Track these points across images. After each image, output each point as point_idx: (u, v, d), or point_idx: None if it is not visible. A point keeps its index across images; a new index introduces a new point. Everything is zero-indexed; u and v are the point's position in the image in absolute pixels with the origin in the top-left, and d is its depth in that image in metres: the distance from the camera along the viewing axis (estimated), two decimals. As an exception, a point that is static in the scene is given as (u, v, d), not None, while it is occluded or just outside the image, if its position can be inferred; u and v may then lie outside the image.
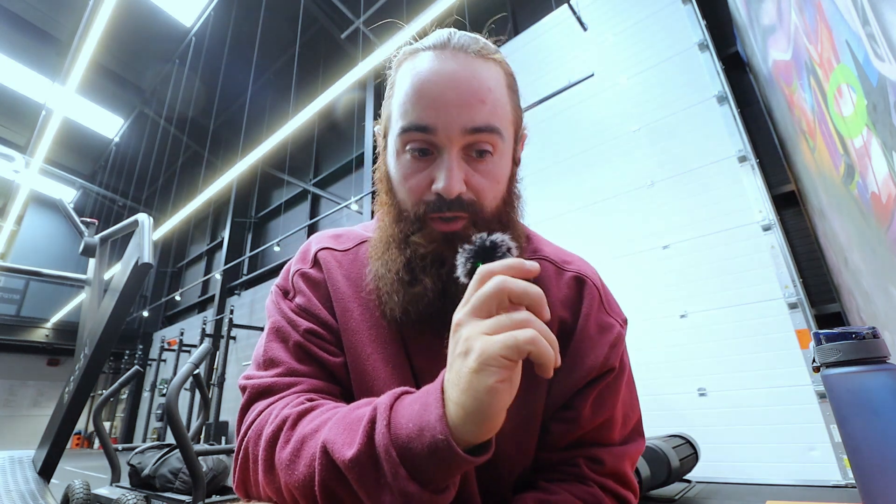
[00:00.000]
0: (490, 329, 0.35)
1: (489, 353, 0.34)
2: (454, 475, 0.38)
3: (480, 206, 0.51)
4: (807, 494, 3.19)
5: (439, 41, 0.52)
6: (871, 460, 0.97)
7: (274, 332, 0.56)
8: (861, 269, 2.31)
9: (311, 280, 0.59)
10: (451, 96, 0.48)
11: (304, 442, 0.42)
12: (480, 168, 0.50)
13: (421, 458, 0.36)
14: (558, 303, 0.57)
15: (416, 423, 0.37)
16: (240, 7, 9.59)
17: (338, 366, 0.54)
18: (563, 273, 0.60)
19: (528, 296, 0.36)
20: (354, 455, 0.38)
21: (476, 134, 0.49)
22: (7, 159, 11.23)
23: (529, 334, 0.34)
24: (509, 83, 0.54)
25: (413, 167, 0.51)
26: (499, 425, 0.36)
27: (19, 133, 13.93)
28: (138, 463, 2.81)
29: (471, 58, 0.51)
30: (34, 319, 14.95)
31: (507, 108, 0.53)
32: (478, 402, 0.34)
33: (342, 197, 9.53)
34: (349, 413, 0.42)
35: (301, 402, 0.48)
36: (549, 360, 0.34)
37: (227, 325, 10.02)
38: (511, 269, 0.37)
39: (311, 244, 0.63)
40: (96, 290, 2.98)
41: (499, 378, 0.34)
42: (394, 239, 0.53)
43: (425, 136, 0.49)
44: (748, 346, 3.94)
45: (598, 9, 5.69)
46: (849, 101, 1.60)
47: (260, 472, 0.46)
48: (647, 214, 4.79)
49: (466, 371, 0.35)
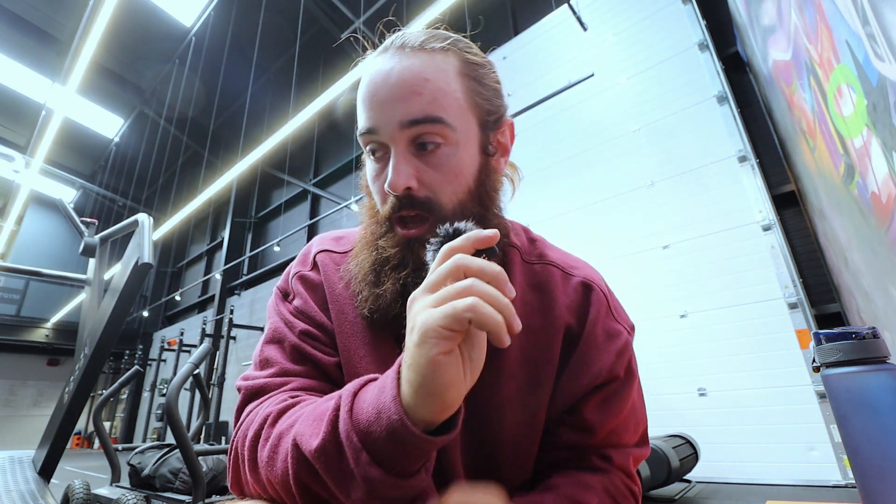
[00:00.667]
0: (434, 301, 0.34)
1: (428, 324, 0.33)
2: (418, 458, 0.37)
3: (438, 203, 0.50)
4: (807, 494, 3.19)
5: (385, 44, 0.54)
6: (871, 460, 0.97)
7: (272, 334, 0.57)
8: (861, 269, 2.31)
9: (309, 282, 0.60)
10: (385, 94, 0.49)
11: (280, 438, 0.43)
12: (431, 162, 0.50)
13: (381, 441, 0.35)
14: (565, 308, 0.57)
15: (375, 406, 0.36)
16: (240, 7, 9.59)
17: (332, 365, 0.54)
18: (571, 278, 0.59)
19: (483, 272, 0.35)
20: (319, 444, 0.38)
21: (415, 126, 0.48)
22: (7, 159, 11.23)
23: (468, 301, 0.32)
24: (464, 70, 0.53)
25: (374, 170, 0.53)
26: (451, 402, 0.35)
27: (19, 133, 13.93)
28: (138, 463, 2.81)
29: (408, 53, 0.51)
30: (34, 319, 14.95)
31: (457, 96, 0.51)
32: (421, 376, 0.34)
33: (342, 197, 9.53)
34: (320, 405, 0.42)
35: (284, 399, 0.48)
36: (494, 325, 0.32)
37: (227, 325, 10.02)
38: (469, 240, 0.37)
39: (313, 246, 0.64)
40: (96, 290, 2.98)
41: (440, 350, 0.33)
42: (366, 241, 0.55)
43: (373, 138, 0.51)
44: (748, 346, 3.94)
45: (597, 9, 5.69)
46: (849, 101, 1.60)
47: (247, 471, 0.46)
48: (647, 214, 4.79)
49: (411, 345, 0.35)
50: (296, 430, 0.41)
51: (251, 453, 0.46)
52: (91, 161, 15.91)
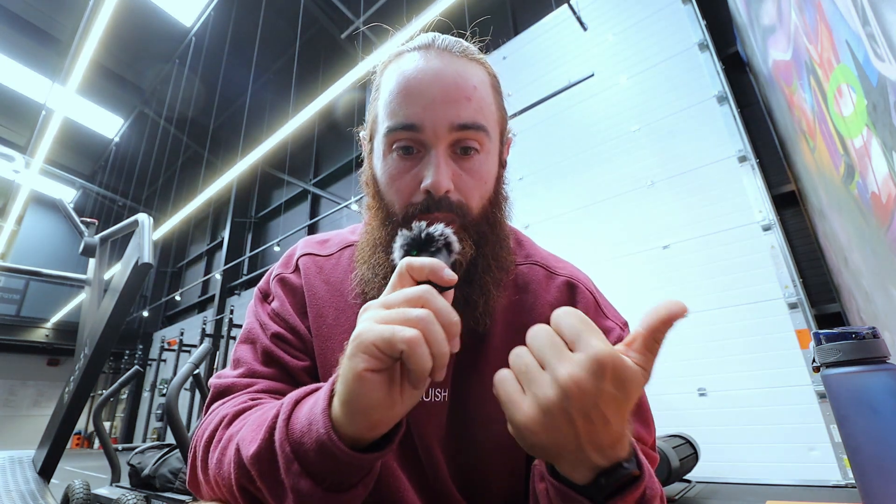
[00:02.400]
0: (380, 318, 0.33)
1: (363, 338, 0.32)
2: (352, 474, 0.36)
3: (468, 208, 0.50)
4: (807, 494, 3.19)
5: (423, 43, 0.52)
6: (871, 460, 0.97)
7: (246, 334, 0.58)
8: (861, 269, 2.31)
9: (289, 285, 0.60)
10: (437, 93, 0.48)
11: (230, 441, 0.42)
12: (466, 167, 0.50)
13: (311, 453, 0.34)
14: (548, 306, 0.56)
15: (308, 416, 0.36)
16: (240, 7, 9.58)
17: (300, 369, 0.54)
18: (554, 277, 0.60)
19: (441, 315, 0.33)
20: (255, 451, 0.37)
21: (463, 131, 0.49)
22: (7, 159, 11.21)
23: (409, 334, 0.31)
24: (493, 84, 0.55)
25: (400, 167, 0.51)
26: (377, 423, 0.33)
27: (19, 133, 13.92)
28: (138, 463, 2.81)
29: (455, 57, 0.51)
30: (34, 319, 14.94)
31: (493, 108, 0.53)
32: (347, 391, 0.33)
33: (342, 197, 9.53)
34: (267, 410, 0.42)
35: (244, 401, 0.48)
36: (419, 369, 0.31)
37: (227, 325, 10.02)
38: (430, 268, 0.35)
39: (297, 249, 0.64)
40: (96, 290, 2.98)
41: (367, 366, 0.32)
42: (381, 242, 0.52)
43: (412, 135, 0.49)
44: (748, 346, 3.94)
45: (598, 9, 5.69)
46: (849, 101, 1.60)
47: (200, 471, 0.46)
48: (647, 214, 4.79)
49: (345, 356, 0.34)
50: (240, 435, 0.40)
51: (204, 454, 0.45)
52: (91, 161, 15.90)
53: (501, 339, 0.55)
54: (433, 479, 0.51)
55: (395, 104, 0.50)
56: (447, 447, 0.52)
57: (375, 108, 0.55)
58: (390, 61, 0.54)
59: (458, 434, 0.52)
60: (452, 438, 0.52)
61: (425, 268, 0.35)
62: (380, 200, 0.53)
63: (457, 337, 0.34)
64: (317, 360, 0.54)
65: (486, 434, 0.52)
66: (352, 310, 0.56)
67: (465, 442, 0.52)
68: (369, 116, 0.57)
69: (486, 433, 0.52)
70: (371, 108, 0.56)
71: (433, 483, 0.51)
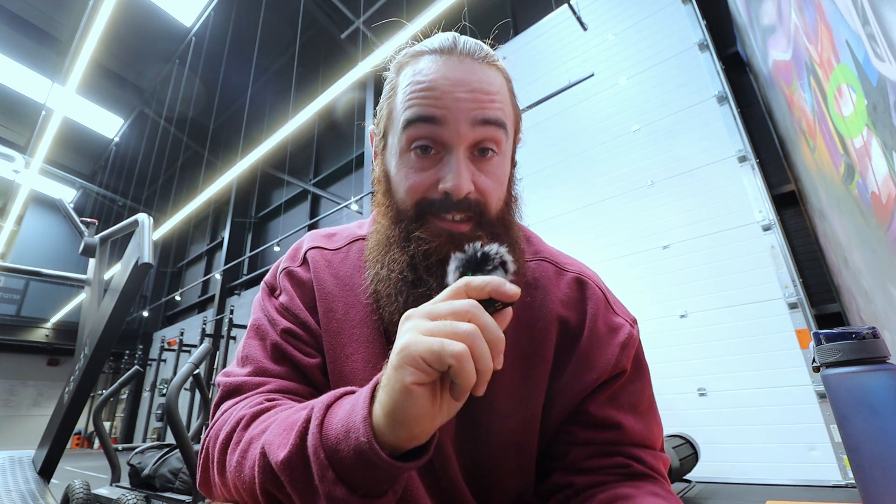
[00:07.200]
0: (427, 330, 0.33)
1: (411, 350, 0.32)
2: (387, 481, 0.36)
3: (486, 208, 0.50)
4: (807, 494, 3.19)
5: (445, 45, 0.52)
6: (871, 460, 0.97)
7: (254, 330, 0.57)
8: (861, 269, 2.31)
9: (297, 279, 0.59)
10: (462, 94, 0.48)
11: (250, 444, 0.42)
12: (485, 168, 0.50)
13: (348, 460, 0.34)
14: (558, 301, 0.56)
15: (344, 423, 0.36)
16: (240, 7, 9.58)
17: (312, 367, 0.53)
18: (564, 274, 0.60)
19: (488, 330, 0.33)
20: (286, 457, 0.37)
21: (484, 126, 0.48)
22: (7, 159, 11.21)
23: (458, 349, 0.31)
24: (510, 88, 0.55)
25: (417, 166, 0.50)
26: (420, 434, 0.34)
27: (19, 133, 13.92)
28: (138, 463, 2.81)
29: (478, 64, 0.51)
30: (34, 319, 14.94)
31: (510, 110, 0.53)
32: (392, 401, 0.33)
33: (342, 197, 9.53)
34: (293, 413, 0.41)
35: (260, 402, 0.47)
36: (465, 382, 0.32)
37: (227, 325, 10.02)
38: (490, 286, 0.35)
39: (304, 242, 0.63)
40: (96, 290, 2.98)
41: (415, 379, 0.32)
42: (394, 239, 0.52)
43: (433, 129, 0.48)
44: (748, 346, 3.94)
45: (598, 9, 5.69)
46: (849, 101, 1.60)
47: (216, 473, 0.45)
48: (647, 214, 4.79)
49: (390, 367, 0.34)
50: (265, 438, 0.40)
51: (220, 456, 0.45)
52: (91, 161, 15.90)
53: (511, 334, 0.54)
54: (443, 475, 0.51)
55: (415, 99, 0.49)
56: (457, 443, 0.52)
57: (392, 103, 0.53)
58: (409, 60, 0.53)
59: (468, 430, 0.52)
60: (463, 434, 0.52)
61: (487, 285, 0.35)
62: (391, 198, 0.53)
63: (501, 354, 0.34)
64: (326, 356, 0.54)
65: (495, 429, 0.52)
66: (363, 307, 0.55)
67: (475, 437, 0.52)
68: (382, 112, 0.56)
69: (495, 428, 0.52)
70: (384, 104, 0.55)
71: (443, 479, 0.51)
